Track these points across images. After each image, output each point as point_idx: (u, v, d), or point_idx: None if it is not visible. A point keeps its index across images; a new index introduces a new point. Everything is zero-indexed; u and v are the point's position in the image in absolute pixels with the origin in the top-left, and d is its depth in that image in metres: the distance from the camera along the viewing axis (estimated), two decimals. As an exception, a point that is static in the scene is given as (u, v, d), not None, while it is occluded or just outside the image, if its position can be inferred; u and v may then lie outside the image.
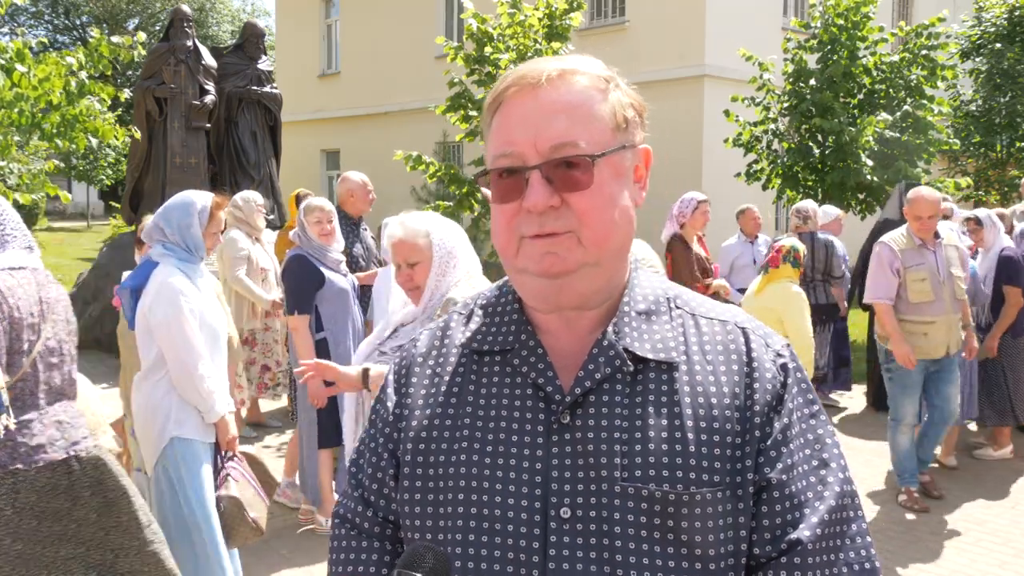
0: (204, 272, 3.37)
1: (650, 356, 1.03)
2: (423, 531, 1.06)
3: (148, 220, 3.78)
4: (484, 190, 1.11)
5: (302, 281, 4.31)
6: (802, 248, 4.54)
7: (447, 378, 1.11)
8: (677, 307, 1.10)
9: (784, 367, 1.06)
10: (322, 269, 4.36)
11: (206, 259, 3.39)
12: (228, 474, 3.18)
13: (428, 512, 1.06)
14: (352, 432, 2.88)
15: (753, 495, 1.01)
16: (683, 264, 5.99)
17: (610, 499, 0.98)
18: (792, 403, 1.04)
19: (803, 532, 0.99)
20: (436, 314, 2.58)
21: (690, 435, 1.00)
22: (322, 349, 4.36)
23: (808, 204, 7.11)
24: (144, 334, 3.18)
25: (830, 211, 7.53)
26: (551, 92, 1.00)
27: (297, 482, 4.83)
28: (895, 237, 5.11)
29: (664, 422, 1.00)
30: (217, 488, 3.17)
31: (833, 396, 7.65)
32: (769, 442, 1.01)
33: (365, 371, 2.63)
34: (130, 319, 3.28)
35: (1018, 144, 14.51)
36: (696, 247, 6.13)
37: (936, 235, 5.04)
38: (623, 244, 1.05)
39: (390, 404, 1.15)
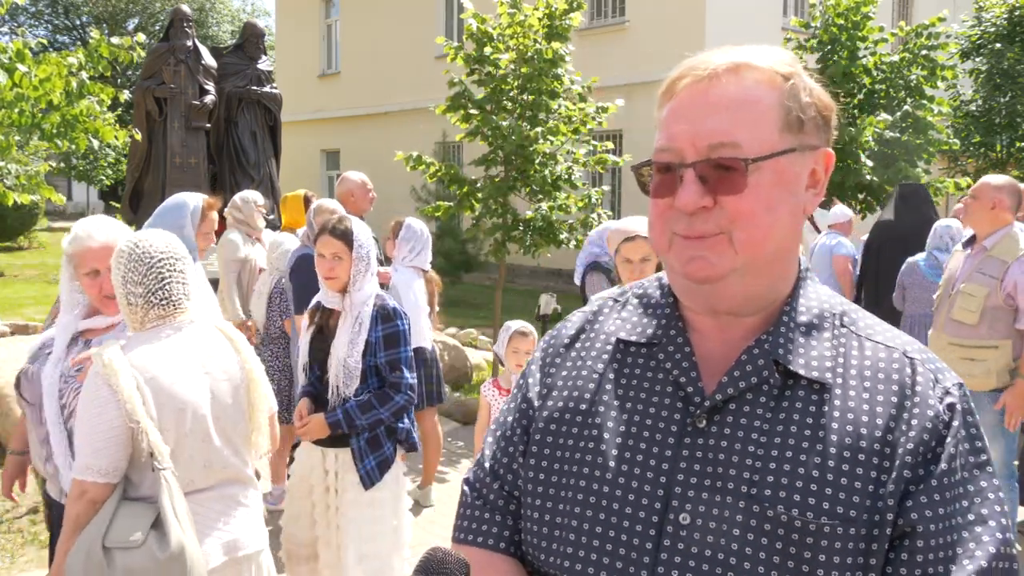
0: (201, 273, 3.38)
1: (802, 372, 0.96)
2: (540, 510, 1.05)
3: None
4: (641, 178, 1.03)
5: (310, 280, 4.31)
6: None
7: (590, 363, 1.10)
8: (843, 325, 1.02)
9: (951, 407, 0.95)
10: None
11: (204, 260, 3.39)
12: None
13: (549, 493, 1.04)
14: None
15: (892, 537, 0.91)
16: None
17: (732, 513, 0.93)
18: (955, 448, 0.94)
19: None
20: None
21: (830, 462, 0.92)
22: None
23: None
24: None
25: (845, 212, 7.50)
26: (718, 87, 0.95)
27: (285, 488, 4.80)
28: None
29: (805, 444, 0.93)
30: None
31: None
32: (922, 486, 0.92)
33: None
34: None
35: (1018, 144, 14.50)
36: None
37: (976, 238, 4.06)
38: (781, 251, 0.98)
39: (532, 381, 1.14)
